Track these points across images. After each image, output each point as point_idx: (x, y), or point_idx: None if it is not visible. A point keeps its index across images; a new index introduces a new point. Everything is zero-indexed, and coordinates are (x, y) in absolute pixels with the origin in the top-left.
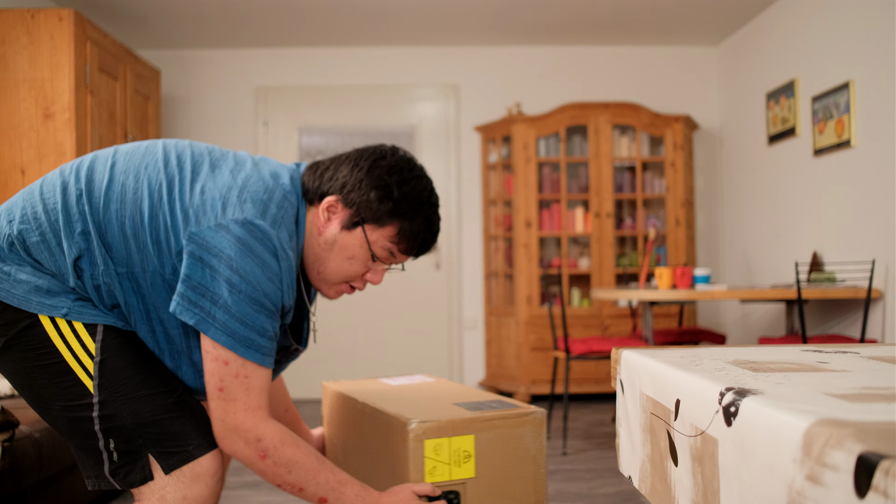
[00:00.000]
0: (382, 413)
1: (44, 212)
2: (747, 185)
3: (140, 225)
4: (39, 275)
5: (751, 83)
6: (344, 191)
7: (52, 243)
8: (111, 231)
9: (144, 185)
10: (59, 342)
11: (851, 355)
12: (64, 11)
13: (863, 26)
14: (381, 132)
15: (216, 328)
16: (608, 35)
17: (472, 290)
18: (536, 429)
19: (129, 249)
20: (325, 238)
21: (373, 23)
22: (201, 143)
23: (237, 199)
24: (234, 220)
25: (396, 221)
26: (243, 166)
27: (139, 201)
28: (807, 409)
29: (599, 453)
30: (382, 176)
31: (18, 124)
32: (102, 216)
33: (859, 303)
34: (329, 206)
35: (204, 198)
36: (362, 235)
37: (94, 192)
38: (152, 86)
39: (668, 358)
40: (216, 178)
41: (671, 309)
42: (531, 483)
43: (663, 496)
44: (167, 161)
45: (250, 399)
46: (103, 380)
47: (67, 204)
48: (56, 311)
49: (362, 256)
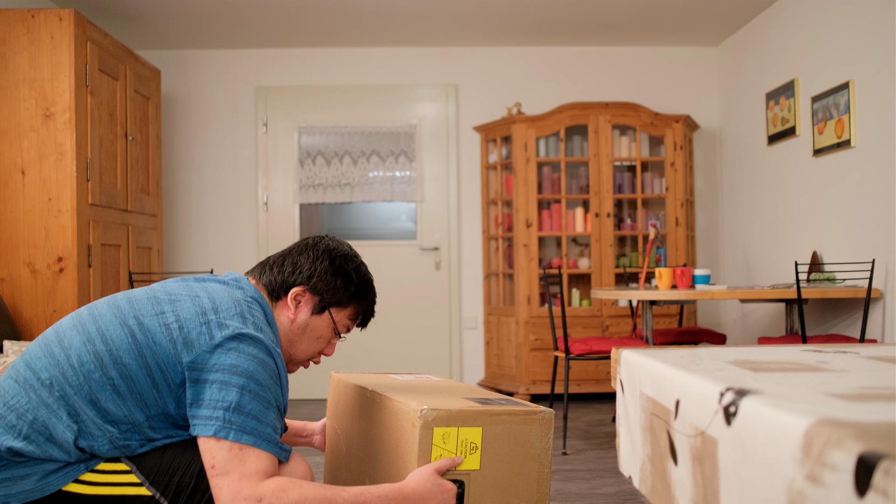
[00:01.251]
0: (392, 400)
1: (18, 417)
2: (747, 185)
3: (130, 380)
4: (42, 462)
5: (751, 83)
6: (311, 280)
7: (40, 440)
8: (104, 397)
9: (116, 344)
10: (95, 489)
11: (851, 355)
12: (64, 11)
13: (863, 26)
14: (381, 132)
15: (235, 431)
16: (608, 35)
17: (472, 290)
18: (544, 428)
19: (129, 406)
20: (297, 324)
21: (373, 23)
22: (137, 289)
23: (216, 319)
24: (225, 338)
25: (356, 302)
26: (196, 291)
27: (121, 358)
28: (807, 409)
29: (599, 453)
30: (343, 266)
31: (18, 124)
32: (90, 388)
33: (859, 303)
34: (296, 295)
35: (185, 331)
36: (329, 318)
37: (68, 373)
38: (152, 86)
39: (668, 358)
40: (182, 308)
41: (671, 309)
42: (534, 481)
43: (663, 496)
44: (122, 315)
45: (246, 468)
46: (151, 475)
47: (41, 397)
48: (76, 473)
49: (328, 335)
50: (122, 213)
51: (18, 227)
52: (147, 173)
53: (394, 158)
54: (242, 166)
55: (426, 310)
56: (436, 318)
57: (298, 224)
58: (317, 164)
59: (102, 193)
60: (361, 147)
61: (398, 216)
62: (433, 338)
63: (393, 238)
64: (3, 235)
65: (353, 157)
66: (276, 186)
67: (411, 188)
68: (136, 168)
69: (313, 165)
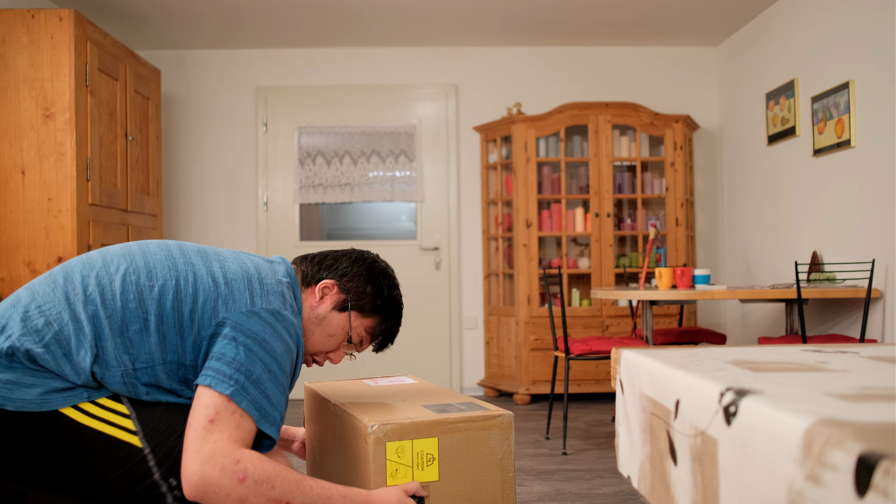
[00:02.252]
0: (349, 415)
1: (45, 324)
2: (747, 185)
3: (161, 319)
4: (51, 377)
5: (750, 83)
6: (344, 279)
7: (58, 353)
8: (133, 328)
9: (160, 282)
10: (90, 420)
11: (851, 355)
12: (64, 11)
13: (863, 26)
14: (381, 132)
15: (248, 401)
16: (608, 35)
17: (472, 290)
18: (503, 432)
19: (151, 343)
20: (316, 313)
21: (373, 23)
22: (187, 242)
23: (261, 290)
24: (264, 309)
25: (378, 316)
26: (242, 259)
27: (160, 297)
28: (807, 409)
29: (599, 453)
30: (378, 276)
31: (18, 124)
32: (122, 317)
33: (859, 303)
34: (325, 286)
35: (229, 287)
36: (347, 319)
37: (107, 297)
38: (152, 86)
39: (668, 358)
40: (229, 267)
41: (671, 309)
42: (498, 487)
43: (663, 496)
44: (173, 259)
45: (237, 433)
46: (147, 428)
47: (75, 312)
48: (77, 399)
49: (340, 337)
50: (122, 213)
51: (18, 227)
52: (147, 173)
53: (394, 158)
54: (242, 166)
55: (426, 310)
56: (436, 318)
57: (298, 224)
58: (317, 164)
59: (102, 193)
60: (361, 147)
61: (398, 216)
62: (433, 338)
63: (393, 238)
64: (3, 235)
65: (353, 157)
66: (276, 186)
67: (411, 188)
68: (136, 168)
69: (313, 165)
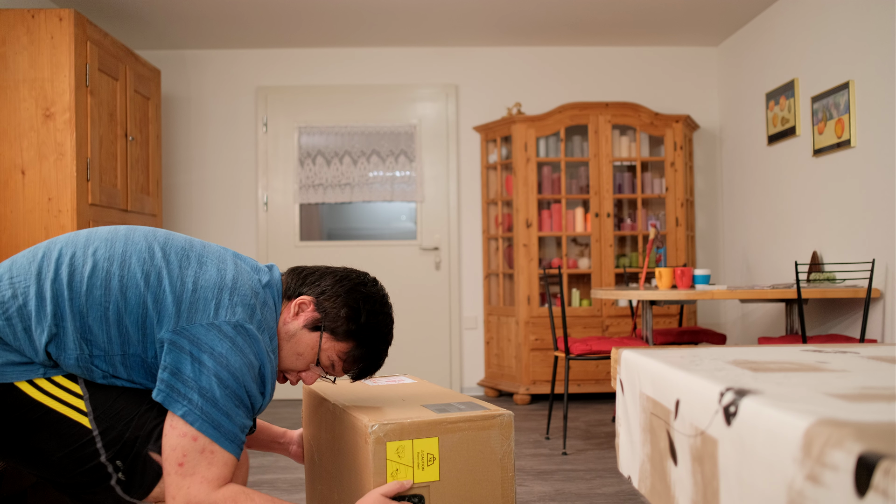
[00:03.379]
0: (349, 415)
1: (12, 296)
2: (747, 185)
3: (124, 311)
4: (9, 350)
5: (750, 83)
6: (321, 297)
7: (18, 327)
8: (93, 315)
9: (129, 273)
10: (44, 397)
11: (851, 355)
12: (64, 11)
13: (863, 26)
14: (381, 132)
15: (203, 420)
16: (608, 35)
17: (472, 290)
18: (503, 431)
19: (111, 334)
20: (287, 329)
21: (373, 23)
22: (178, 234)
23: (229, 301)
24: (226, 322)
25: (352, 342)
26: (226, 263)
27: (125, 289)
28: (807, 409)
29: (599, 453)
30: (358, 300)
31: (18, 124)
32: (85, 301)
33: (859, 303)
34: (301, 302)
35: (196, 295)
36: (317, 340)
37: (76, 278)
38: (152, 86)
39: (668, 358)
40: (205, 274)
41: (671, 309)
42: (498, 487)
43: (663, 496)
44: (152, 253)
45: (210, 472)
46: (98, 411)
47: (42, 289)
48: (33, 374)
49: (308, 357)
50: (122, 213)
51: (18, 227)
52: (147, 173)
53: (394, 158)
54: (242, 166)
55: (426, 310)
56: (436, 318)
57: (298, 224)
58: (317, 164)
59: (102, 193)
60: (361, 147)
61: (398, 216)
62: (433, 338)
63: (393, 238)
64: (3, 235)
65: (353, 157)
66: (276, 186)
67: (411, 188)
68: (136, 168)
69: (313, 165)
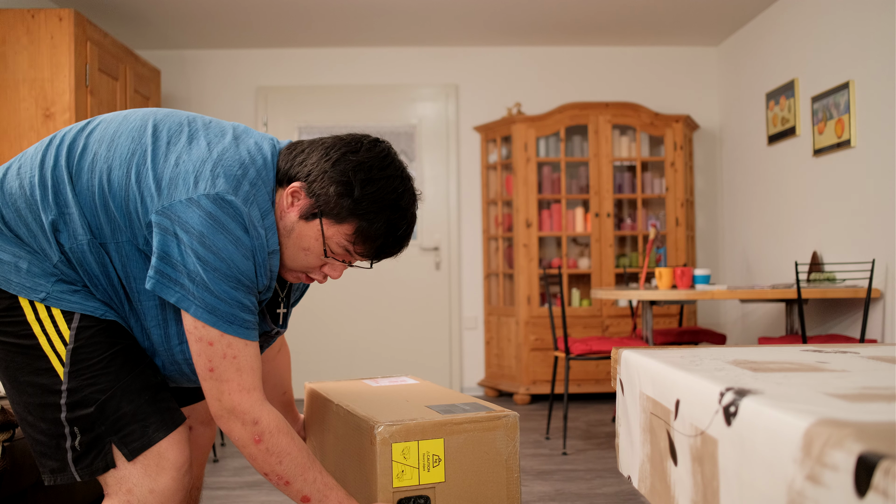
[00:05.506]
0: (353, 415)
1: (19, 187)
2: (747, 185)
3: (109, 195)
4: (21, 253)
5: (750, 83)
6: (308, 179)
7: (28, 218)
8: (84, 200)
9: (115, 154)
10: (37, 326)
11: (851, 355)
12: (64, 11)
13: (863, 26)
14: (381, 132)
15: (197, 305)
16: (608, 35)
17: (472, 290)
18: (509, 432)
19: (100, 220)
20: (284, 224)
21: (373, 23)
22: (183, 112)
23: (210, 174)
24: (204, 195)
25: (355, 220)
26: (222, 138)
27: (109, 171)
28: (807, 409)
29: (599, 453)
30: (347, 171)
31: (18, 124)
32: (76, 185)
33: (859, 303)
34: (293, 191)
35: (178, 170)
36: (319, 229)
37: (71, 161)
38: (152, 86)
39: (668, 358)
40: (191, 150)
41: (671, 309)
42: (503, 488)
43: (663, 496)
44: (143, 130)
45: (243, 380)
46: (74, 367)
47: (44, 176)
48: (35, 294)
49: (317, 250)
50: None
51: None
52: None
53: None
54: None
55: (426, 310)
56: (436, 318)
57: None
58: None
59: None
60: None
61: None
62: (433, 338)
63: None
64: None
65: None
66: None
67: None
68: None
69: None
